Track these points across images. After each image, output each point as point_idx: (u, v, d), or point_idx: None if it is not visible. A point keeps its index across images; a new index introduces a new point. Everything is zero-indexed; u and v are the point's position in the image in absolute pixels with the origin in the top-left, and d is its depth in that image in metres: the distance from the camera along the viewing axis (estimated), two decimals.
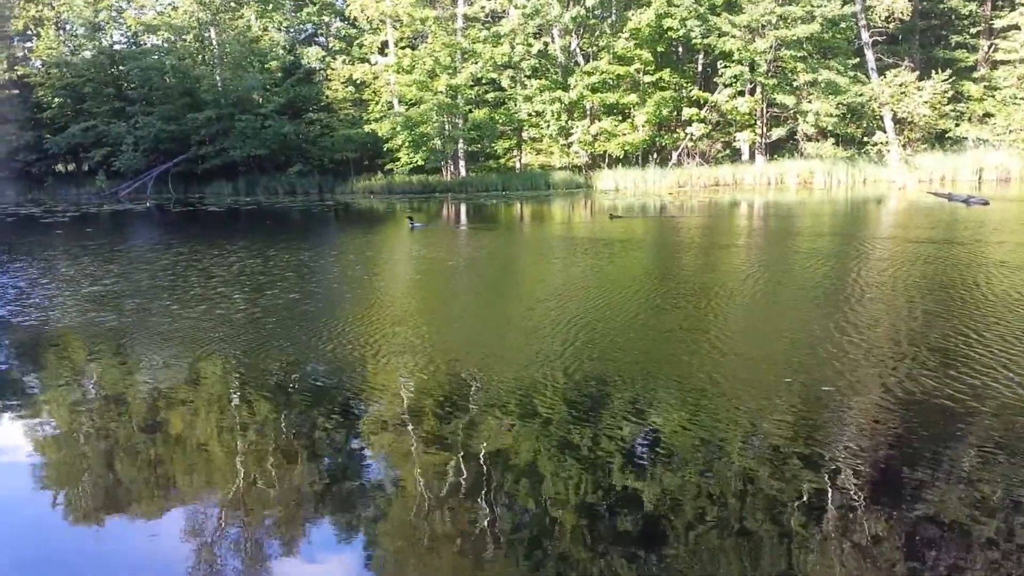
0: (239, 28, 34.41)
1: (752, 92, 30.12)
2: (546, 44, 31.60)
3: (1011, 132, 28.99)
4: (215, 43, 33.95)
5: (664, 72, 30.72)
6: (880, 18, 29.30)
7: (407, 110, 31.71)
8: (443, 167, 32.99)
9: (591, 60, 31.44)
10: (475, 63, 30.80)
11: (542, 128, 31.60)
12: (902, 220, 16.48)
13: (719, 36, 28.64)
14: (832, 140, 30.23)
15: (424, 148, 30.99)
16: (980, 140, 29.68)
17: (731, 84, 29.41)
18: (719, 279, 9.03)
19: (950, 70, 29.69)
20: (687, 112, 30.45)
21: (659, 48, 31.40)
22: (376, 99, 34.59)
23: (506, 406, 4.68)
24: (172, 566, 3.18)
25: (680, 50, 33.73)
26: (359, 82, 35.13)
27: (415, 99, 31.20)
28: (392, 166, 32.33)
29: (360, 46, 36.27)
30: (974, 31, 33.07)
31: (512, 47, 30.73)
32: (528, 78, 32.04)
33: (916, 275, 8.53)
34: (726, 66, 29.24)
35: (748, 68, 28.77)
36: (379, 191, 31.08)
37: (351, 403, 4.96)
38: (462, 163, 32.87)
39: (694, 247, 12.78)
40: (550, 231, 16.89)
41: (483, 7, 32.07)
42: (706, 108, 30.60)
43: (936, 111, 29.37)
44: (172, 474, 4.05)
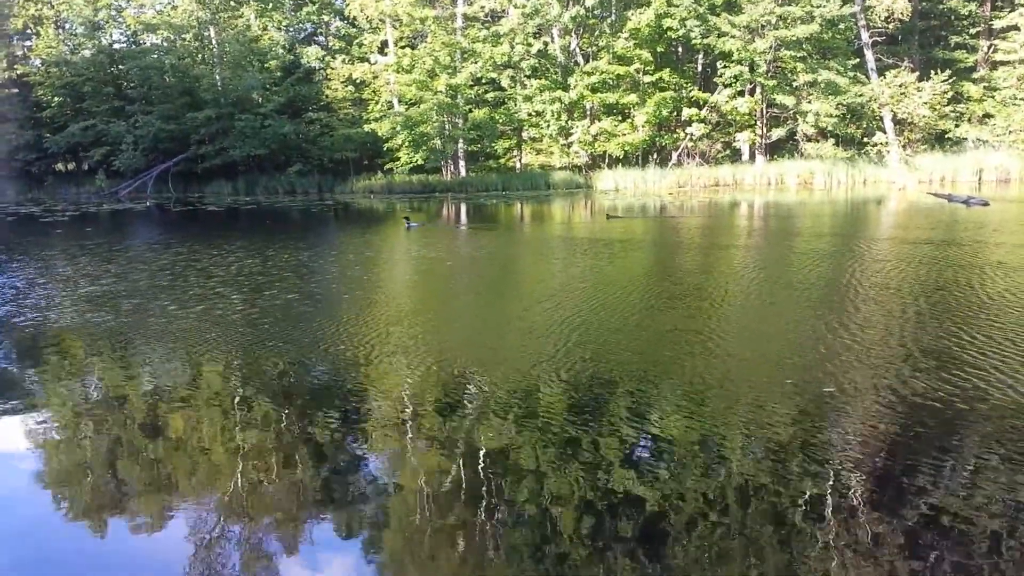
0: (239, 27, 34.42)
1: (752, 92, 30.13)
2: (546, 44, 31.59)
3: (1011, 133, 29.01)
4: (214, 42, 33.94)
5: (664, 72, 30.71)
6: (880, 18, 29.31)
7: (407, 110, 31.70)
8: (443, 167, 32.98)
9: (591, 60, 31.43)
10: (475, 63, 30.80)
11: (542, 128, 31.60)
12: (902, 221, 16.48)
13: (719, 36, 28.64)
14: (832, 140, 30.25)
15: (424, 148, 30.98)
16: (980, 141, 29.70)
17: (731, 84, 29.41)
18: (718, 280, 9.03)
19: (949, 71, 29.70)
20: (687, 112, 30.43)
21: (659, 48, 31.41)
22: (376, 99, 34.61)
23: (505, 407, 4.67)
24: (171, 566, 3.18)
25: (680, 50, 33.73)
26: (359, 81, 35.13)
27: (415, 99, 31.19)
28: (392, 166, 32.32)
29: (360, 45, 36.27)
30: (974, 32, 33.09)
31: (512, 47, 30.71)
32: (528, 78, 32.02)
33: (915, 276, 8.53)
34: (726, 66, 29.24)
35: (748, 68, 28.77)
36: (379, 191, 31.07)
37: (349, 404, 4.95)
38: (462, 163, 32.87)
39: (693, 247, 12.78)
40: (549, 231, 16.88)
41: (483, 7, 32.07)
42: (706, 108, 30.59)
43: (936, 112, 29.37)
44: (171, 474, 4.05)
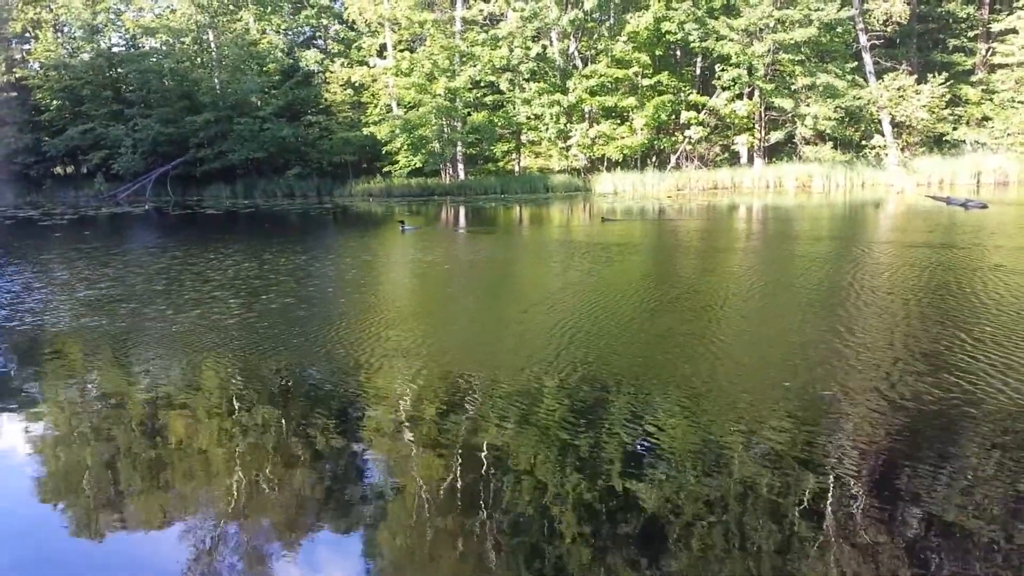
0: (237, 31, 34.44)
1: (750, 95, 30.18)
2: (544, 47, 31.62)
3: (1009, 136, 29.05)
4: (213, 46, 33.96)
5: (662, 75, 30.76)
6: (878, 22, 29.38)
7: (406, 113, 31.73)
8: (442, 170, 32.99)
9: (589, 63, 31.47)
10: (473, 66, 30.83)
11: (540, 131, 31.63)
12: (900, 224, 16.49)
13: (717, 40, 28.69)
14: (830, 144, 30.29)
15: (423, 151, 30.99)
16: (978, 143, 29.76)
17: (729, 87, 29.45)
18: (716, 283, 9.02)
19: (947, 73, 29.74)
20: (685, 115, 30.45)
21: (657, 51, 31.47)
22: (375, 102, 34.65)
23: (503, 409, 4.66)
24: (171, 568, 3.17)
25: (678, 53, 33.80)
26: (357, 85, 35.15)
27: (413, 102, 31.22)
28: (391, 169, 32.33)
29: (358, 49, 36.31)
30: (972, 35, 33.17)
31: (510, 50, 30.75)
32: (526, 81, 32.05)
33: (914, 280, 8.53)
34: (724, 69, 29.29)
35: (746, 71, 28.81)
36: (378, 194, 31.06)
37: (347, 407, 4.94)
38: (461, 166, 32.89)
39: (692, 251, 12.78)
40: (548, 234, 16.88)
41: (481, 10, 32.10)
42: (704, 111, 30.62)
43: (934, 115, 29.43)
44: (169, 476, 4.04)
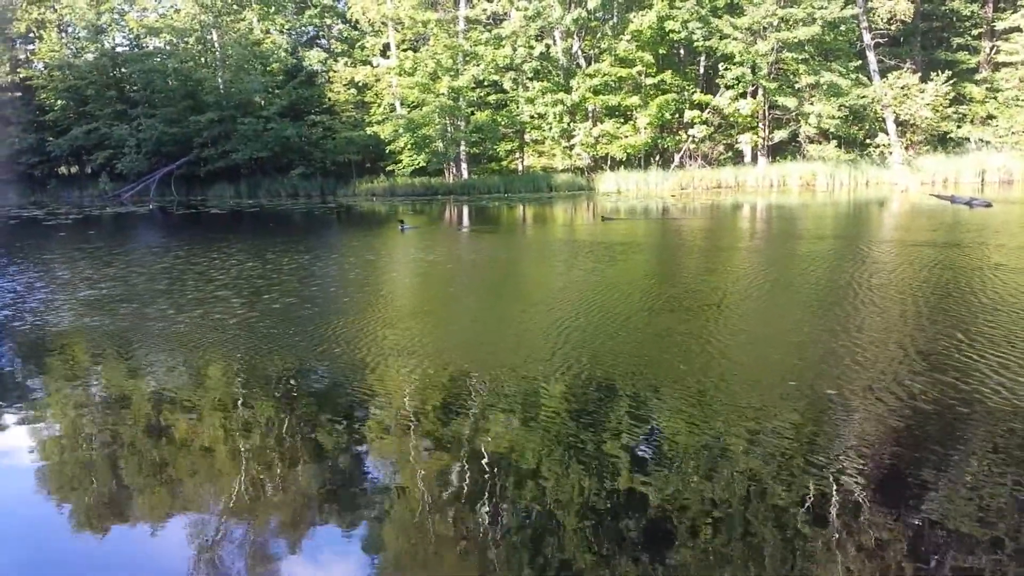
0: (241, 31, 34.47)
1: (754, 94, 30.13)
2: (548, 46, 31.59)
3: (1013, 134, 28.98)
4: (217, 46, 33.97)
5: (666, 74, 30.72)
6: (882, 20, 29.27)
7: (409, 112, 31.74)
8: (445, 169, 33.00)
9: (593, 62, 31.44)
10: (477, 65, 30.82)
11: (544, 130, 31.60)
12: (905, 223, 16.46)
13: (721, 38, 28.64)
14: (834, 142, 30.23)
15: (426, 150, 31.01)
16: (982, 142, 29.67)
17: (733, 86, 29.41)
18: (720, 282, 9.01)
19: (950, 71, 29.67)
20: (689, 114, 30.42)
21: (661, 50, 31.43)
22: (378, 101, 34.66)
23: (505, 409, 4.67)
24: (172, 568, 3.18)
25: (682, 52, 33.74)
26: (361, 84, 35.17)
27: (417, 101, 31.23)
28: (394, 168, 32.37)
29: (362, 48, 36.33)
30: (976, 33, 33.03)
31: (514, 49, 30.72)
32: (530, 80, 32.02)
33: (918, 279, 8.52)
34: (728, 68, 29.24)
35: (750, 70, 28.77)
36: (381, 193, 31.08)
37: (350, 406, 4.94)
38: (464, 165, 32.90)
39: (695, 250, 12.77)
40: (551, 233, 16.88)
41: (484, 9, 32.10)
42: (708, 110, 30.58)
43: (938, 113, 29.35)
44: (171, 476, 4.05)
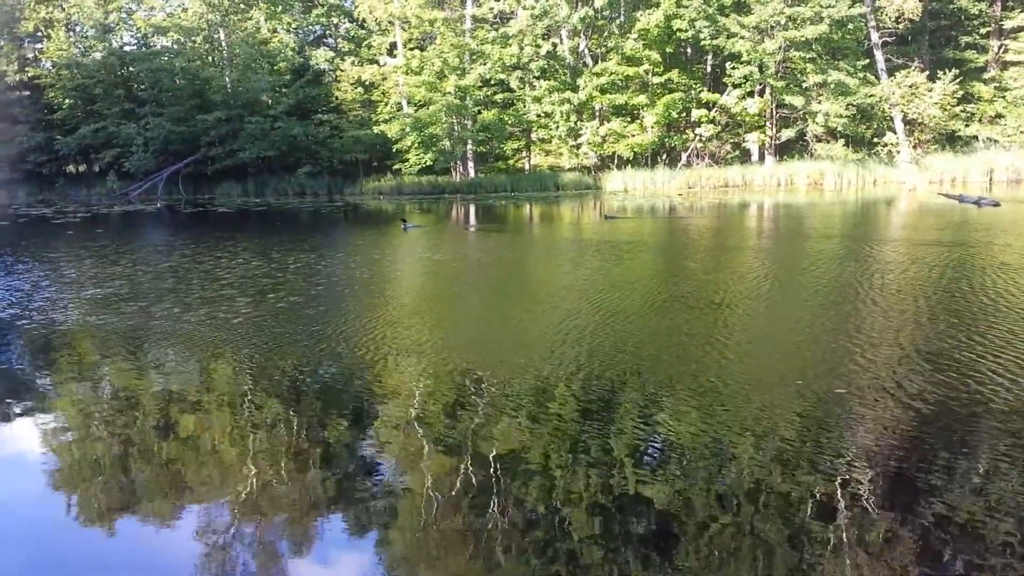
0: (248, 30, 34.53)
1: (761, 93, 30.05)
2: (555, 45, 31.57)
3: (1022, 133, 28.83)
4: (224, 45, 34.06)
5: (673, 73, 30.68)
6: (890, 19, 29.15)
7: (416, 111, 31.76)
8: (452, 168, 33.04)
9: (600, 61, 31.40)
10: (484, 64, 30.84)
11: (551, 129, 31.59)
12: (912, 222, 16.41)
13: (728, 37, 28.57)
14: (842, 141, 30.12)
15: (433, 149, 31.05)
16: (991, 141, 29.53)
17: (740, 85, 29.33)
18: (727, 281, 8.99)
19: (958, 70, 29.52)
20: (696, 113, 30.37)
21: (668, 49, 31.38)
22: (385, 100, 34.70)
23: (512, 407, 4.68)
24: (177, 567, 3.20)
25: (689, 51, 33.65)
26: (368, 83, 35.21)
27: (424, 100, 31.26)
28: (401, 167, 32.42)
29: (369, 47, 36.36)
30: (984, 32, 32.85)
31: (521, 48, 30.72)
32: (537, 79, 32.03)
33: (926, 278, 8.50)
34: (735, 67, 29.14)
35: (757, 69, 28.67)
36: (388, 192, 31.14)
37: (356, 404, 4.97)
38: (471, 164, 32.91)
39: (702, 249, 12.76)
40: (557, 232, 16.89)
41: (491, 8, 32.10)
42: (715, 109, 30.52)
43: (946, 112, 29.22)
44: (176, 475, 4.06)
